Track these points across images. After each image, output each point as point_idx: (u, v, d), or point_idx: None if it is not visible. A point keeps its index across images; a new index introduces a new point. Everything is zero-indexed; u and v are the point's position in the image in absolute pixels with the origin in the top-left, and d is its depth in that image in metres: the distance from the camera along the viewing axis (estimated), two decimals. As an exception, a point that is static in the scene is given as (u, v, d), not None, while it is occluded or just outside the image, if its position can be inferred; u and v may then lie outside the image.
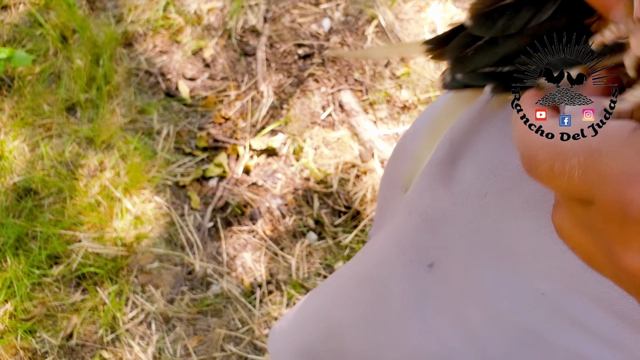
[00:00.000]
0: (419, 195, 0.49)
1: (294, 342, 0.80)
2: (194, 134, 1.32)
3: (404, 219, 0.52)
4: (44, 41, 1.39)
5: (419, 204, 0.48)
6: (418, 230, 0.50)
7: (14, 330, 1.11)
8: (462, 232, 0.45)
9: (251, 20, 1.45)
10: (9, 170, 1.25)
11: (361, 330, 0.62)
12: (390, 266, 0.55)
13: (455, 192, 0.44)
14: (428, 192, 0.47)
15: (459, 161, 0.46)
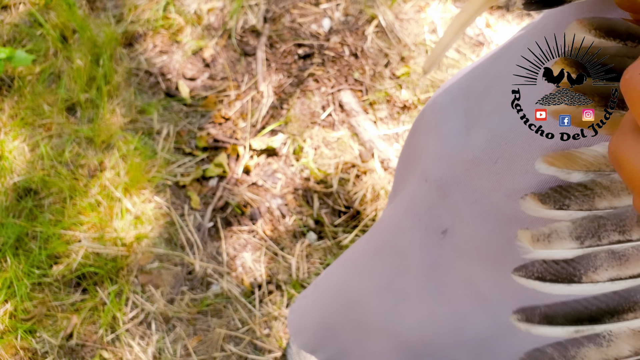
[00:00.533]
0: (434, 162, 0.51)
1: (313, 317, 0.81)
2: (194, 134, 1.32)
3: (420, 186, 0.53)
4: (44, 41, 1.39)
5: (434, 171, 0.50)
6: (432, 196, 0.52)
7: (14, 330, 1.11)
8: (474, 196, 0.47)
9: (251, 20, 1.45)
10: (9, 170, 1.25)
11: (379, 299, 0.64)
12: (406, 234, 0.57)
13: (469, 159, 0.46)
14: (443, 160, 0.49)
15: (472, 130, 0.47)
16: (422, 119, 0.57)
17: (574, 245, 0.36)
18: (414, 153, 0.59)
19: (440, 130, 0.51)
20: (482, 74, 0.52)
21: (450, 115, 0.51)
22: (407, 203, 0.57)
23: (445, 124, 0.50)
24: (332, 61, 1.41)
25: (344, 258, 0.76)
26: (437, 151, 0.50)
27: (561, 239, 0.37)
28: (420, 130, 0.57)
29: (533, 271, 0.38)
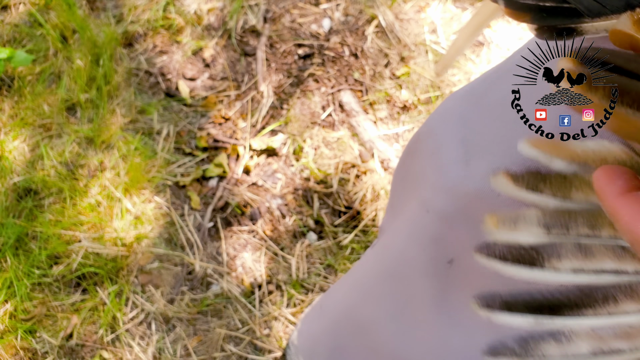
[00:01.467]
0: (435, 193, 0.50)
1: (325, 343, 0.80)
2: (194, 134, 1.32)
3: (422, 217, 0.53)
4: (44, 41, 1.39)
5: (436, 203, 0.50)
6: (436, 227, 0.51)
7: (14, 331, 1.11)
8: (478, 228, 0.46)
9: (251, 20, 1.45)
10: (9, 170, 1.25)
11: (389, 326, 0.64)
12: (412, 263, 0.57)
13: (470, 192, 0.46)
14: (444, 191, 0.49)
15: (472, 161, 0.47)
16: (418, 142, 0.57)
17: (540, 232, 0.36)
18: (411, 175, 0.59)
19: (438, 158, 0.50)
20: (477, 100, 0.52)
21: (447, 143, 0.51)
22: (410, 232, 0.57)
23: (443, 153, 0.50)
24: (332, 61, 1.41)
25: (351, 281, 0.75)
26: (437, 181, 0.50)
27: (528, 224, 0.37)
28: (417, 153, 0.56)
29: (495, 251, 0.37)
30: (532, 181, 0.36)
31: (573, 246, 0.36)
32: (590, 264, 0.35)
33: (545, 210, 0.36)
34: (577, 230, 0.35)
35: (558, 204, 0.36)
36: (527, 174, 0.36)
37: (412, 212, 0.56)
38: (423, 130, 0.56)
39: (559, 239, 0.36)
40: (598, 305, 0.36)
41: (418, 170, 0.55)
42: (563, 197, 0.36)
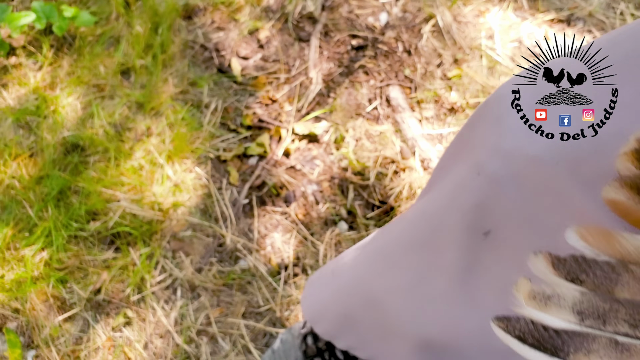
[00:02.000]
0: (492, 155, 0.47)
1: (335, 309, 0.78)
2: (240, 111, 1.34)
3: (470, 179, 0.50)
4: (107, 5, 1.43)
5: (490, 164, 0.47)
6: (483, 192, 0.49)
7: (47, 278, 1.15)
8: (527, 197, 0.44)
9: (309, 6, 1.46)
10: (60, 125, 1.29)
11: (405, 298, 0.61)
12: (446, 231, 0.54)
13: (530, 156, 0.43)
14: (502, 153, 0.46)
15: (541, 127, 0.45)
16: (484, 110, 0.54)
17: (571, 319, 0.32)
18: (466, 145, 0.55)
19: (503, 121, 0.47)
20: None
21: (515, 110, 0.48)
22: (452, 196, 0.54)
23: (511, 116, 0.46)
24: (385, 55, 1.41)
25: (371, 249, 0.72)
26: (497, 143, 0.47)
27: (560, 307, 0.33)
28: (480, 121, 0.53)
29: (516, 327, 0.33)
30: (573, 270, 0.33)
31: (607, 342, 0.31)
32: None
33: (585, 294, 0.32)
34: (616, 327, 0.31)
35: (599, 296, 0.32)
36: (571, 260, 0.33)
37: (459, 176, 0.53)
38: (492, 97, 0.53)
39: (591, 332, 0.32)
40: None
41: (479, 136, 0.52)
42: (604, 295, 0.32)
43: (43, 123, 1.29)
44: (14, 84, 1.34)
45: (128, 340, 1.12)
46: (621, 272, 0.31)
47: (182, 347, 1.11)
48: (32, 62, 1.37)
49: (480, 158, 0.49)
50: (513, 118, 0.46)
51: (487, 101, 0.54)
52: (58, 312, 1.14)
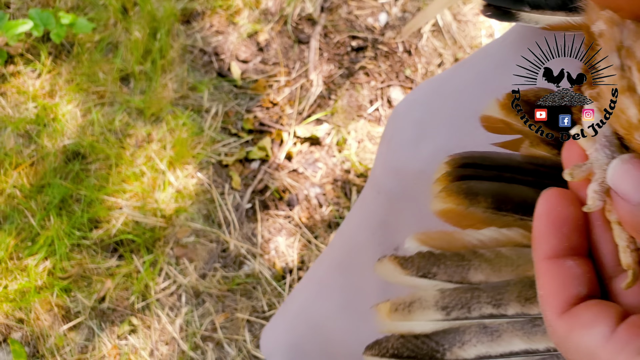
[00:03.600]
0: (386, 174, 0.50)
1: (285, 340, 0.79)
2: (241, 115, 1.34)
3: (373, 198, 0.53)
4: (105, 11, 1.42)
5: (385, 183, 0.50)
6: (384, 210, 0.51)
7: (50, 287, 1.15)
8: (422, 212, 0.45)
9: (308, 8, 1.46)
10: (60, 133, 1.28)
11: (340, 319, 0.62)
12: (362, 251, 0.55)
13: (415, 171, 0.46)
14: (393, 171, 0.49)
15: (422, 143, 0.47)
16: (385, 128, 0.57)
17: (438, 317, 0.32)
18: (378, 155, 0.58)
19: (392, 141, 0.50)
20: (440, 86, 0.52)
21: (403, 126, 0.50)
22: (361, 215, 0.55)
23: (397, 135, 0.50)
24: (385, 56, 1.41)
25: (309, 275, 0.74)
26: (387, 161, 0.50)
27: (424, 309, 0.32)
28: (381, 139, 0.56)
29: (387, 348, 0.33)
30: (423, 266, 0.33)
31: (477, 329, 0.32)
32: (497, 347, 0.31)
33: (444, 291, 0.32)
34: (481, 311, 0.31)
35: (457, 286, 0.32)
36: (417, 257, 0.33)
37: (363, 196, 0.56)
38: (391, 115, 0.57)
39: (460, 323, 0.32)
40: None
41: (376, 155, 0.55)
42: (460, 281, 0.32)
43: (43, 131, 1.29)
44: (13, 92, 1.34)
45: (134, 348, 1.11)
46: (471, 258, 0.32)
47: (188, 354, 1.10)
48: (30, 70, 1.36)
49: (377, 177, 0.51)
50: (400, 135, 0.49)
51: (386, 125, 0.57)
52: (63, 321, 1.13)
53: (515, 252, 0.32)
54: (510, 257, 0.32)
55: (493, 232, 0.32)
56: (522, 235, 0.32)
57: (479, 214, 0.32)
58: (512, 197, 0.32)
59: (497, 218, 0.32)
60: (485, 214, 0.32)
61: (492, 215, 0.32)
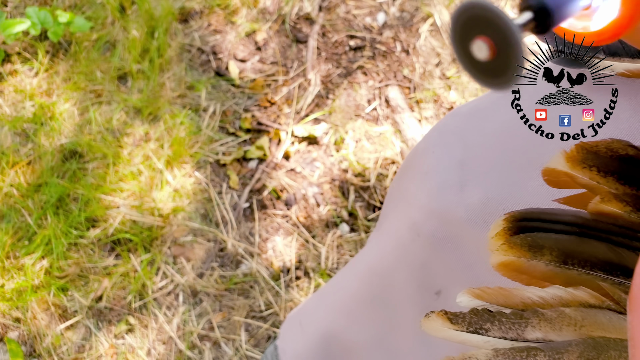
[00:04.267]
0: (426, 217, 0.48)
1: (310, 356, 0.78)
2: (239, 114, 1.34)
3: (412, 240, 0.50)
4: (103, 9, 1.42)
5: (427, 227, 0.47)
6: (426, 253, 0.49)
7: (47, 286, 1.15)
8: (468, 260, 0.44)
9: (306, 7, 1.45)
10: (57, 132, 1.28)
11: (376, 351, 0.61)
12: (401, 290, 0.54)
13: (463, 219, 0.43)
14: (435, 215, 0.46)
15: (467, 186, 0.44)
16: (414, 158, 0.53)
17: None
18: (403, 193, 0.55)
19: (431, 179, 0.47)
20: (480, 122, 0.49)
21: (443, 164, 0.47)
22: (399, 255, 0.53)
23: (437, 174, 0.47)
24: (383, 55, 1.41)
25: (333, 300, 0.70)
26: (429, 204, 0.47)
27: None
28: (412, 170, 0.53)
29: None
30: (475, 322, 0.31)
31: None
32: None
33: (498, 350, 0.31)
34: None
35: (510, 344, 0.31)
36: (471, 313, 0.32)
37: (401, 234, 0.53)
38: (420, 146, 0.53)
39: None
40: None
41: (411, 189, 0.52)
42: (515, 339, 0.31)
43: (40, 130, 1.28)
44: (10, 91, 1.33)
45: (131, 347, 1.11)
46: (530, 317, 0.31)
47: (185, 353, 1.10)
48: (27, 68, 1.36)
49: (416, 218, 0.49)
50: (440, 176, 0.46)
51: (416, 149, 0.54)
52: (60, 320, 1.13)
53: (580, 313, 0.30)
54: (575, 318, 0.30)
55: (557, 290, 0.31)
56: (589, 295, 0.30)
57: (541, 268, 0.31)
58: (581, 251, 0.31)
59: (561, 272, 0.31)
60: (548, 267, 0.31)
61: (556, 269, 0.31)
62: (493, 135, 0.46)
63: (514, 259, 0.31)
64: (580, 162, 0.30)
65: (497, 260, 0.32)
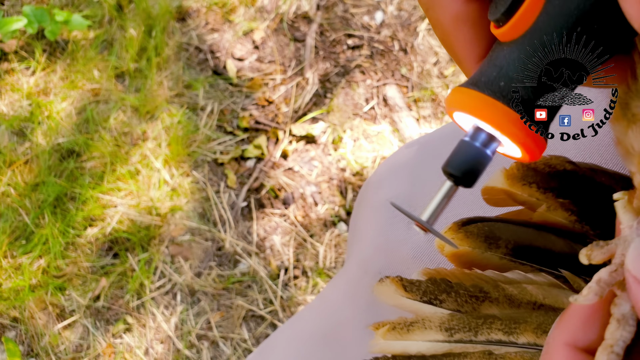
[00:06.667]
0: (374, 253, 0.47)
1: None
2: (236, 113, 1.33)
3: (360, 277, 0.49)
4: (100, 8, 1.42)
5: (374, 263, 0.47)
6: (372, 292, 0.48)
7: (45, 286, 1.14)
8: None
9: (304, 6, 1.45)
10: (55, 131, 1.28)
11: None
12: (349, 328, 0.53)
13: (409, 257, 0.43)
14: (383, 252, 0.46)
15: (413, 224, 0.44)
16: (366, 192, 0.53)
17: (439, 337, 0.29)
18: (356, 227, 0.54)
19: (380, 215, 0.47)
20: (431, 158, 0.48)
21: (392, 199, 0.47)
22: (347, 290, 0.52)
23: (386, 210, 0.46)
24: (381, 54, 1.41)
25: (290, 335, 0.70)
26: (376, 239, 0.46)
27: (425, 329, 0.30)
28: (364, 204, 0.52)
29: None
30: (430, 289, 0.30)
31: (481, 355, 0.29)
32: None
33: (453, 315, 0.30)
34: (489, 336, 0.29)
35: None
36: (428, 282, 0.31)
37: (352, 270, 0.52)
38: (372, 180, 0.53)
39: (462, 347, 0.29)
40: None
41: (361, 224, 0.51)
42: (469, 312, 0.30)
43: (37, 129, 1.28)
44: (7, 90, 1.33)
45: (128, 346, 1.11)
46: (490, 290, 0.30)
47: (183, 353, 1.10)
48: (24, 67, 1.35)
49: (365, 254, 0.48)
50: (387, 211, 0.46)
51: (367, 183, 0.54)
52: (57, 320, 1.13)
53: (542, 291, 0.30)
54: (536, 295, 0.30)
55: (517, 275, 0.30)
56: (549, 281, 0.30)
57: (496, 261, 0.30)
58: (537, 244, 0.30)
59: (515, 267, 0.30)
60: (502, 261, 0.30)
61: (509, 263, 0.30)
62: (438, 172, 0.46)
63: (468, 250, 0.30)
64: (520, 180, 0.30)
65: (450, 250, 0.31)
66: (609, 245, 0.24)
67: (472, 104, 0.23)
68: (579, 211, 0.30)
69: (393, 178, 0.49)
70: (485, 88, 0.23)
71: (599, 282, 0.22)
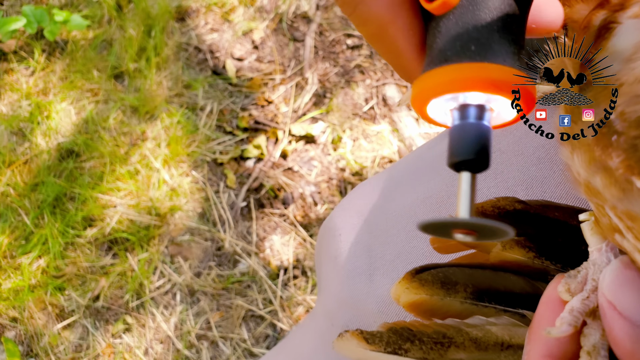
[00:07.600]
0: (339, 306, 0.46)
1: None
2: (236, 113, 1.33)
3: (327, 328, 0.48)
4: (99, 8, 1.42)
5: (340, 316, 0.46)
6: None
7: (44, 286, 1.14)
8: None
9: (304, 6, 1.45)
10: (54, 131, 1.28)
11: None
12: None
13: (374, 311, 0.42)
14: (348, 305, 0.45)
15: (375, 275, 0.43)
16: (324, 237, 0.52)
17: None
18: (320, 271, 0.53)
19: (341, 266, 0.46)
20: (384, 203, 0.47)
21: (351, 250, 0.46)
22: (318, 343, 0.51)
23: (346, 261, 0.46)
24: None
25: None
26: (340, 292, 0.46)
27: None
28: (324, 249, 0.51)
29: None
30: (394, 340, 0.30)
31: None
32: None
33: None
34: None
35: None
36: (389, 332, 0.30)
37: (319, 320, 0.51)
38: (329, 225, 0.52)
39: None
40: None
41: (324, 272, 0.50)
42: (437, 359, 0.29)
43: (37, 129, 1.28)
44: (6, 90, 1.33)
45: (128, 346, 1.11)
46: (454, 335, 0.29)
47: (183, 353, 1.10)
48: (24, 67, 1.35)
49: (329, 306, 0.47)
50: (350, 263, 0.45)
51: (325, 227, 0.53)
52: (57, 320, 1.13)
53: (507, 331, 0.29)
54: (502, 337, 0.29)
55: (478, 321, 0.29)
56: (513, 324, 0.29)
57: (457, 306, 0.30)
58: (497, 286, 0.30)
59: (478, 310, 0.30)
60: (463, 305, 0.30)
61: (471, 307, 0.30)
62: (395, 219, 0.45)
63: (426, 298, 0.30)
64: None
65: (407, 299, 0.30)
66: (582, 272, 0.23)
67: (457, 78, 0.22)
68: (536, 247, 0.29)
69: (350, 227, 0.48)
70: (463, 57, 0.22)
71: (572, 312, 0.22)
